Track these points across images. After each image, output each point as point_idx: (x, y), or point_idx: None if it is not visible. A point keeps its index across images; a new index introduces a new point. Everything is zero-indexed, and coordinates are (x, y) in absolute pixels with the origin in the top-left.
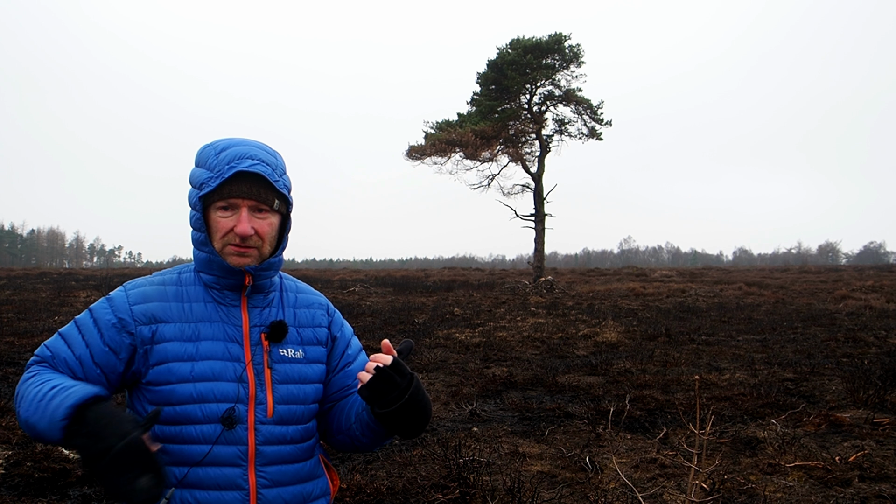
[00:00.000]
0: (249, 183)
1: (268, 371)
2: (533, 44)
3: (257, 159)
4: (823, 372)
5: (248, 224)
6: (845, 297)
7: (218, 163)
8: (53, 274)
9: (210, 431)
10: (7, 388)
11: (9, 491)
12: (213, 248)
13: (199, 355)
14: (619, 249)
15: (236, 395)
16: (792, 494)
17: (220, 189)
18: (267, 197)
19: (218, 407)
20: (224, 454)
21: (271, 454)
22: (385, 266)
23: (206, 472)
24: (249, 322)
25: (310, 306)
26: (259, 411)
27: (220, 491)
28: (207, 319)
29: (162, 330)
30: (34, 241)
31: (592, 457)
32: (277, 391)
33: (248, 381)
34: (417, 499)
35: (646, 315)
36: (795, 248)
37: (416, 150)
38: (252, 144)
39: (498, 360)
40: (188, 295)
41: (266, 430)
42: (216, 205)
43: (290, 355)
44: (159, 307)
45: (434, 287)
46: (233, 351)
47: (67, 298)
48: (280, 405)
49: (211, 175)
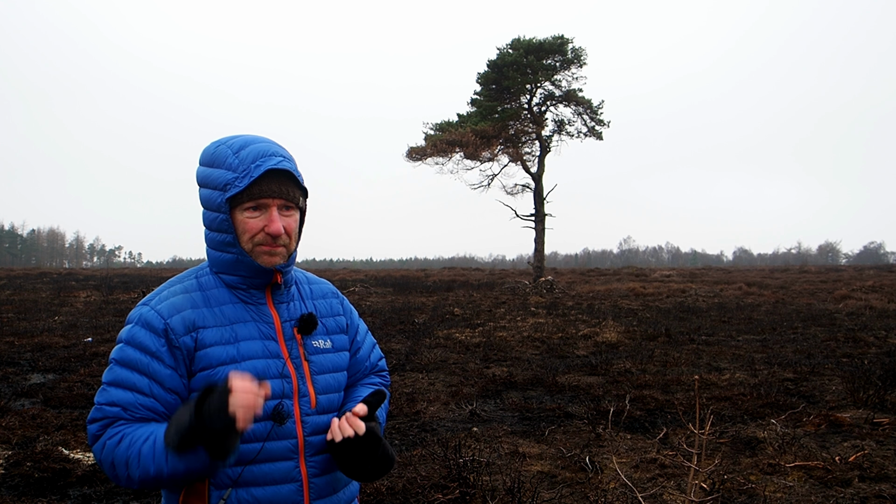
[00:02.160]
0: (278, 181)
1: (305, 364)
2: (534, 45)
3: (280, 156)
4: (823, 372)
5: (280, 223)
6: (845, 297)
7: (240, 162)
8: (53, 274)
9: (261, 429)
10: (7, 387)
11: (9, 491)
12: (242, 248)
13: (241, 356)
14: (619, 249)
15: (282, 390)
16: (792, 494)
17: (249, 189)
18: (294, 194)
19: (266, 404)
20: (276, 449)
21: (318, 444)
22: (385, 266)
23: (261, 468)
24: (280, 318)
25: (325, 296)
26: (303, 404)
27: (277, 485)
28: (241, 320)
29: (202, 336)
30: (34, 241)
31: (592, 457)
32: (317, 382)
33: (290, 375)
34: (417, 499)
35: (646, 315)
36: (795, 248)
37: (416, 151)
38: (268, 141)
39: (498, 360)
40: (215, 298)
41: (312, 421)
42: (244, 205)
43: (322, 346)
44: (194, 314)
45: (434, 287)
46: (271, 348)
47: (67, 298)
48: (321, 395)
49: (236, 175)
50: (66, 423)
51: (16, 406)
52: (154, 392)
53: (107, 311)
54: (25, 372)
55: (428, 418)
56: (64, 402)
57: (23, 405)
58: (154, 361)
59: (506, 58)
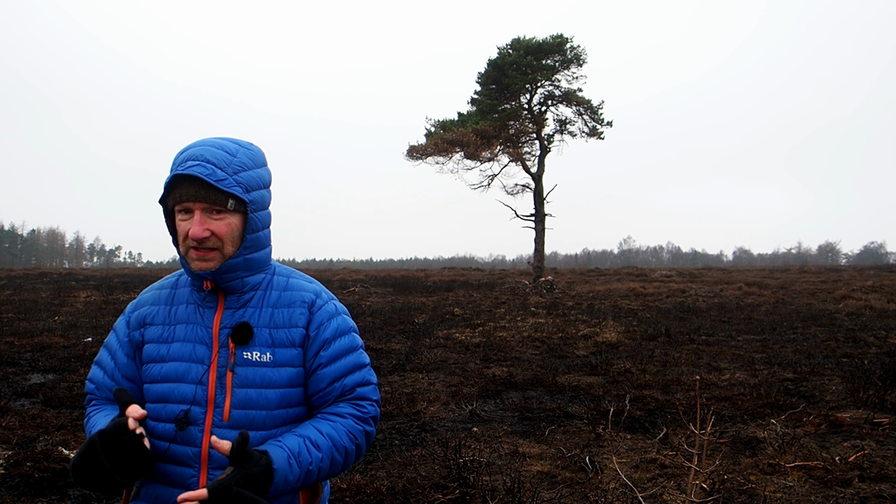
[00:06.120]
0: (198, 185)
1: (229, 374)
2: (534, 45)
3: (201, 160)
4: (823, 372)
5: (202, 226)
6: (845, 297)
7: (173, 166)
8: (53, 274)
9: (170, 430)
10: (7, 387)
11: (9, 491)
12: (180, 252)
13: (168, 356)
14: (619, 249)
15: (193, 396)
16: (792, 494)
17: (174, 193)
18: (218, 198)
19: (177, 407)
20: (179, 454)
21: (223, 459)
22: (385, 266)
23: (165, 468)
24: (220, 323)
25: (290, 305)
26: (216, 415)
27: (173, 488)
28: (185, 321)
29: (147, 332)
30: (34, 241)
31: (592, 457)
32: (236, 395)
33: (207, 383)
34: (417, 499)
35: (646, 315)
36: (795, 248)
37: (417, 149)
38: (207, 144)
39: (498, 360)
40: (178, 297)
41: (220, 434)
42: (176, 208)
43: (256, 358)
44: (149, 311)
45: (434, 287)
46: (199, 353)
47: (67, 298)
48: (237, 410)
49: (167, 180)
50: (66, 423)
51: (16, 406)
52: (115, 376)
53: (107, 311)
54: (25, 372)
55: (428, 418)
56: (64, 402)
57: (23, 405)
58: (120, 349)
59: (506, 58)
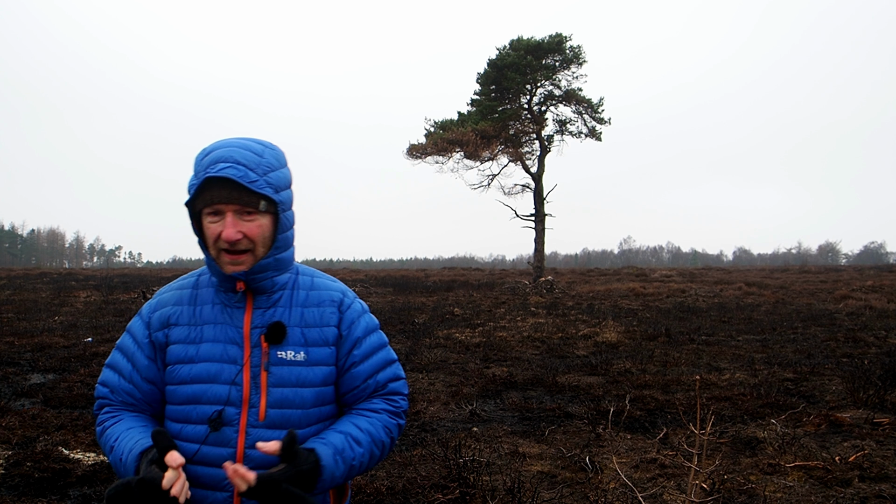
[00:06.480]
0: (230, 187)
1: (264, 374)
2: (533, 44)
3: (231, 161)
4: (823, 372)
5: (234, 228)
6: (845, 297)
7: (200, 168)
8: (53, 274)
9: (202, 431)
10: (7, 387)
11: (9, 491)
12: (209, 253)
13: (198, 357)
14: (619, 249)
15: (227, 397)
16: (792, 494)
17: (204, 195)
18: (250, 199)
19: (209, 409)
20: (212, 455)
21: (258, 459)
22: (385, 266)
23: (196, 470)
24: (251, 323)
25: (320, 304)
26: (251, 414)
27: (206, 490)
28: (212, 321)
29: (172, 333)
30: (34, 241)
31: (592, 457)
32: (272, 395)
33: (242, 383)
34: (417, 499)
35: (646, 315)
36: (795, 248)
37: (417, 148)
38: (234, 145)
39: (498, 360)
40: (201, 297)
41: (256, 434)
42: (205, 211)
43: (290, 357)
44: (172, 311)
45: (434, 287)
46: (231, 353)
47: (67, 298)
48: (273, 409)
49: (194, 181)
50: (66, 423)
51: (16, 406)
52: (133, 379)
53: (107, 311)
54: (25, 372)
55: (428, 418)
56: (64, 402)
57: (23, 405)
58: (138, 350)
59: (505, 58)
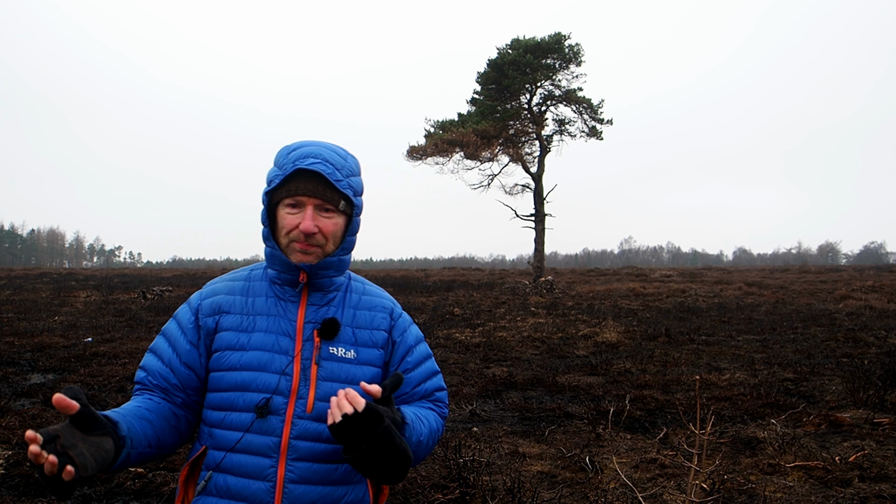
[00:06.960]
0: (316, 182)
1: (314, 367)
2: (533, 44)
3: (321, 158)
4: (823, 372)
5: (313, 222)
6: (845, 297)
7: (286, 161)
8: (53, 274)
9: (247, 419)
10: (7, 387)
11: (9, 491)
12: (277, 243)
13: (250, 346)
14: (620, 249)
15: (276, 386)
16: (792, 494)
17: (288, 186)
18: (332, 196)
19: (257, 397)
20: (257, 443)
21: (304, 449)
22: (385, 266)
23: (239, 458)
24: (304, 318)
25: (372, 308)
26: (299, 405)
27: (249, 479)
28: (265, 313)
29: (223, 320)
30: (34, 241)
31: (592, 457)
32: (321, 388)
33: (292, 374)
34: (417, 499)
35: (646, 315)
36: (795, 248)
37: (417, 150)
38: (322, 145)
39: (498, 360)
40: (254, 290)
41: (302, 425)
42: (284, 202)
43: (341, 354)
44: (225, 299)
45: (434, 287)
46: (282, 344)
47: (67, 298)
48: (321, 402)
49: (279, 172)
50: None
51: (16, 406)
52: (172, 363)
53: (107, 311)
54: (25, 372)
55: None
56: None
57: (23, 405)
58: (182, 336)
59: (505, 57)
